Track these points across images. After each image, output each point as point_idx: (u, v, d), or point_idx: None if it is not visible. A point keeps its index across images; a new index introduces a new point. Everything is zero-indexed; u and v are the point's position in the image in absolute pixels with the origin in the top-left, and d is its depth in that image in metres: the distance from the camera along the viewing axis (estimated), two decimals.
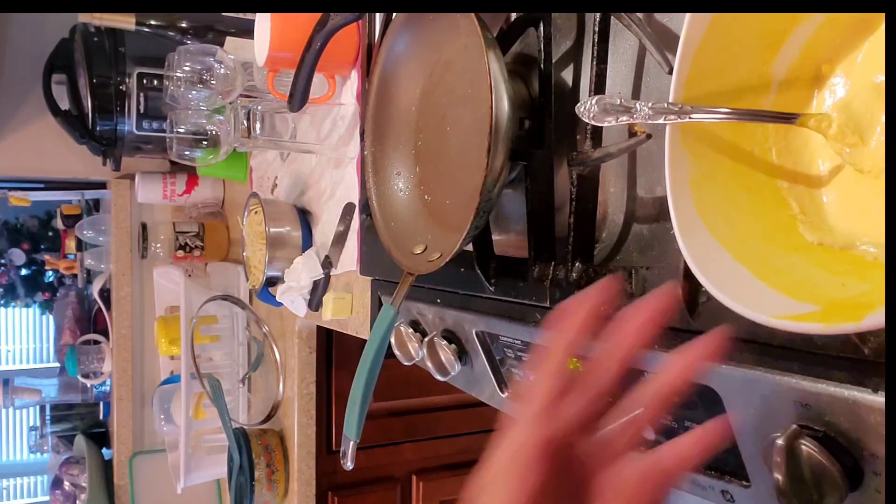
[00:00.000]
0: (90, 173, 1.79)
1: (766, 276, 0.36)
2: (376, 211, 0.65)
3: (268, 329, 1.40)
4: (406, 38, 0.62)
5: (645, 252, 0.51)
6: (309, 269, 1.15)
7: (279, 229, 1.11)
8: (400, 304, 0.59)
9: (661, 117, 0.38)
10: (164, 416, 1.66)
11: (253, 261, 1.18)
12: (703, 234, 0.38)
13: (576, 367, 0.35)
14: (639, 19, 0.48)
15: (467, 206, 0.52)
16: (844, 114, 0.38)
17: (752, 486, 0.44)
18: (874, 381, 0.35)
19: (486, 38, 0.51)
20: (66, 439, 2.16)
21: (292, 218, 1.13)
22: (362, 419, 0.60)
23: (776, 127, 0.41)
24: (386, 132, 0.66)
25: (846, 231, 0.38)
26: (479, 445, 1.50)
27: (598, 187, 0.54)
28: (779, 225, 0.40)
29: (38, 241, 2.58)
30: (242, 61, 1.06)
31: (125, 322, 1.84)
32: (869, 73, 0.37)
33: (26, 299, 2.65)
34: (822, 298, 0.34)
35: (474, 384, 0.72)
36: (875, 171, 0.37)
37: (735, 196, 0.40)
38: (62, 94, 1.50)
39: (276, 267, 1.11)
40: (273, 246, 1.10)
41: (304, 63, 0.87)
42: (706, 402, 0.44)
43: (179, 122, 1.04)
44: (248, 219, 1.18)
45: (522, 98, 0.60)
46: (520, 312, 0.59)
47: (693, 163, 0.39)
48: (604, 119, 0.42)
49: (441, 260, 0.55)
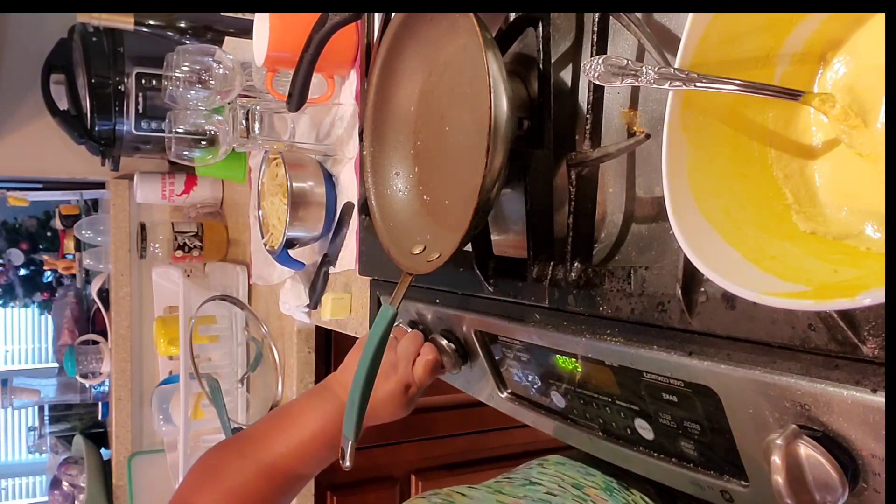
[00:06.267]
0: (89, 173, 1.79)
1: (757, 261, 0.36)
2: (375, 211, 0.65)
3: (267, 329, 1.40)
4: (405, 38, 0.62)
5: (644, 252, 0.51)
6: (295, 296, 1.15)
7: (302, 184, 1.02)
8: (399, 303, 0.59)
9: (666, 83, 0.38)
10: (162, 417, 1.65)
11: (271, 217, 1.09)
12: (696, 217, 0.38)
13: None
14: (637, 19, 0.48)
15: (466, 206, 0.52)
16: (849, 95, 0.38)
17: (751, 485, 0.44)
18: (873, 381, 0.35)
19: (484, 38, 0.51)
20: (65, 439, 2.16)
21: (316, 172, 1.04)
22: (361, 419, 0.60)
23: (777, 116, 0.41)
24: (385, 132, 0.66)
25: (840, 220, 0.38)
26: (479, 445, 1.50)
27: (596, 187, 0.54)
28: (773, 213, 0.40)
29: (36, 241, 2.58)
30: (241, 61, 1.06)
31: (124, 322, 1.84)
32: (874, 55, 0.37)
33: (25, 299, 2.65)
34: (814, 282, 0.34)
35: (473, 384, 0.72)
36: (874, 156, 0.37)
37: (731, 183, 0.40)
38: (61, 94, 1.50)
39: (298, 227, 1.02)
40: (296, 202, 1.00)
41: (302, 63, 0.86)
42: (705, 401, 0.44)
43: (178, 122, 1.04)
44: (267, 170, 1.09)
45: (521, 98, 0.60)
46: (519, 312, 0.59)
47: (691, 148, 0.39)
48: (608, 80, 0.41)
49: (440, 260, 0.55)
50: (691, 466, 0.48)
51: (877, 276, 0.30)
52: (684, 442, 0.48)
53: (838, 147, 0.39)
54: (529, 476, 0.67)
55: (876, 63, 0.37)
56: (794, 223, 0.40)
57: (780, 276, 0.35)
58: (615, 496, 0.63)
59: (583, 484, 0.64)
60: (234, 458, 0.70)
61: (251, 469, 0.68)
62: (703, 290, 0.43)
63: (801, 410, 0.38)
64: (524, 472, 0.69)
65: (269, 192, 1.09)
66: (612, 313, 0.49)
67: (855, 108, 0.37)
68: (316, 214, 1.03)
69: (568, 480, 0.65)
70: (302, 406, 0.73)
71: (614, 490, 0.64)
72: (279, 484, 0.69)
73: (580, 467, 0.68)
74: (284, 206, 1.02)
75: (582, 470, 0.67)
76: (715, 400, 0.43)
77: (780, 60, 0.40)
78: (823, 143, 0.40)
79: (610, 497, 0.63)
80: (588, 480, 0.65)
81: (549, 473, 0.67)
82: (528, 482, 0.65)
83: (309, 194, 1.03)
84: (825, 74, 0.39)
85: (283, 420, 0.72)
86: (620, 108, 0.53)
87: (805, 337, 0.37)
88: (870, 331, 0.35)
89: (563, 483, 0.64)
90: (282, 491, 0.70)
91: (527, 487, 0.64)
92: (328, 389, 0.73)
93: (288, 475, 0.70)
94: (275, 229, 1.08)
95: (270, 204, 1.09)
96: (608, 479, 0.65)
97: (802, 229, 0.39)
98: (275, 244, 1.07)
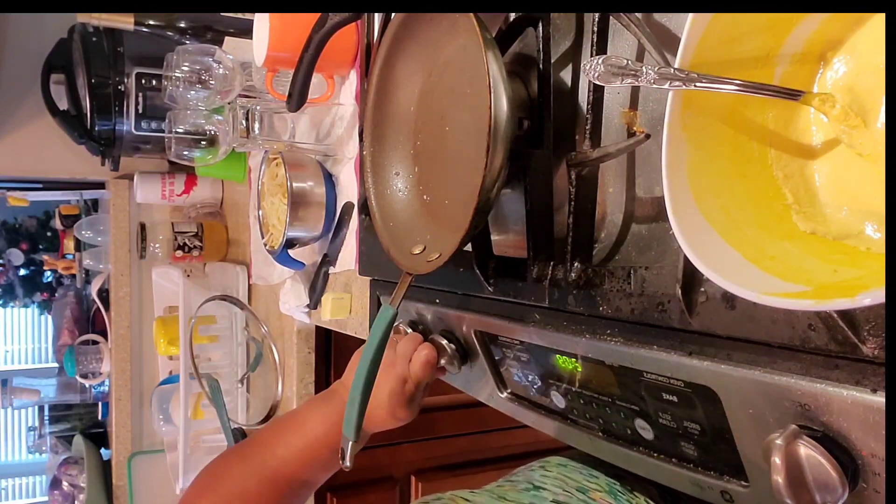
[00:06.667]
0: (89, 173, 1.79)
1: (757, 261, 0.36)
2: (375, 211, 0.65)
3: (266, 329, 1.40)
4: (405, 38, 0.62)
5: (644, 252, 0.51)
6: (295, 296, 1.14)
7: (302, 184, 1.02)
8: (399, 303, 0.59)
9: (666, 83, 0.38)
10: (162, 417, 1.65)
11: (271, 217, 1.10)
12: (696, 217, 0.38)
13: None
14: (637, 19, 0.48)
15: (466, 206, 0.52)
16: (849, 95, 0.38)
17: (751, 485, 0.44)
18: (873, 381, 0.35)
19: (484, 38, 0.51)
20: (65, 439, 2.16)
21: (315, 172, 1.04)
22: (361, 419, 0.60)
23: (777, 116, 0.41)
24: (385, 132, 0.66)
25: (840, 220, 0.38)
26: (479, 446, 1.50)
27: (596, 187, 0.54)
28: (773, 213, 0.40)
29: (36, 241, 2.58)
30: (241, 61, 1.06)
31: (124, 322, 1.84)
32: (874, 55, 0.37)
33: (25, 299, 2.65)
34: (814, 282, 0.34)
35: (473, 384, 0.72)
36: (874, 156, 0.37)
37: (731, 183, 0.40)
38: (61, 94, 1.50)
39: (298, 227, 1.02)
40: (296, 202, 1.01)
41: (302, 63, 0.86)
42: (705, 401, 0.44)
43: (178, 122, 1.04)
44: (267, 170, 1.10)
45: (521, 98, 0.60)
46: (519, 312, 0.59)
47: (691, 148, 0.39)
48: (608, 80, 0.41)
49: (440, 260, 0.55)
50: (691, 467, 0.48)
51: (877, 276, 0.30)
52: (684, 442, 0.48)
53: (838, 147, 0.39)
54: (532, 479, 0.66)
55: (876, 63, 0.37)
56: (794, 223, 0.40)
57: (780, 276, 0.35)
58: (619, 499, 0.63)
59: (587, 487, 0.64)
60: (237, 464, 0.69)
61: (255, 474, 0.68)
62: (703, 290, 0.43)
63: (801, 410, 0.38)
64: (526, 474, 0.69)
65: (269, 192, 1.09)
66: (612, 313, 0.49)
67: (855, 108, 0.37)
68: (316, 214, 1.03)
69: (572, 484, 0.64)
70: (307, 411, 0.72)
71: (618, 493, 0.64)
72: (283, 490, 0.69)
73: (582, 469, 0.67)
74: (284, 206, 1.02)
75: (585, 472, 0.67)
76: (715, 400, 0.43)
77: (780, 60, 0.40)
78: (823, 143, 0.40)
79: (615, 500, 0.63)
80: (592, 483, 0.65)
81: (551, 476, 0.66)
82: (532, 486, 0.65)
83: (309, 194, 1.03)
84: (825, 74, 0.39)
85: (289, 425, 0.72)
86: (620, 108, 0.53)
87: (805, 337, 0.37)
88: (870, 331, 0.35)
89: (567, 487, 0.64)
90: (286, 497, 0.69)
91: (531, 493, 0.63)
92: (334, 394, 0.73)
93: (292, 481, 0.69)
94: (275, 229, 1.08)
95: (270, 204, 1.09)
96: (611, 482, 0.65)
97: (802, 229, 0.39)
98: (275, 244, 1.07)
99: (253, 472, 0.68)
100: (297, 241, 1.06)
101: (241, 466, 0.69)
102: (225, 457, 0.72)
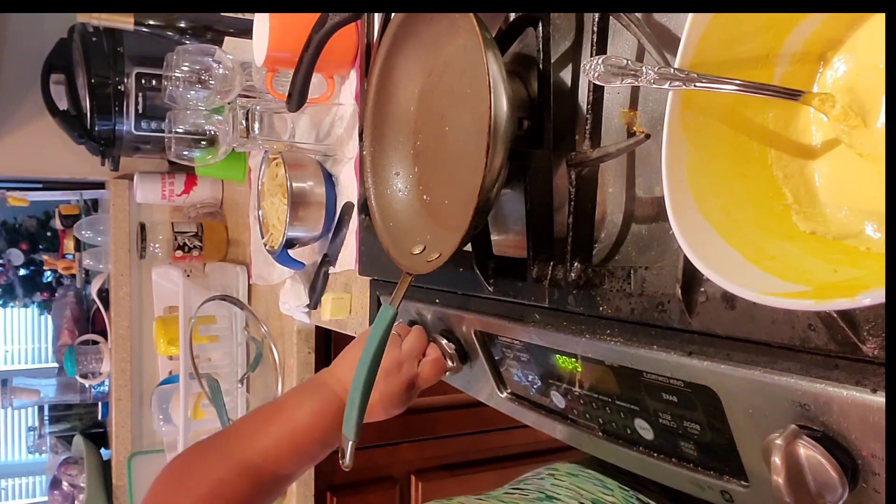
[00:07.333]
0: (88, 173, 1.79)
1: (757, 261, 0.36)
2: (375, 211, 0.65)
3: (266, 329, 1.40)
4: (405, 38, 0.62)
5: (644, 252, 0.51)
6: (295, 296, 1.15)
7: (302, 184, 1.02)
8: (399, 303, 0.59)
9: (666, 83, 0.38)
10: (162, 417, 1.65)
11: (271, 217, 1.09)
12: (696, 217, 0.38)
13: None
14: (637, 19, 0.48)
15: (466, 206, 0.52)
16: (849, 95, 0.38)
17: (750, 485, 0.44)
18: (873, 381, 0.35)
19: (484, 38, 0.51)
20: (65, 439, 2.16)
21: (315, 172, 1.04)
22: (361, 419, 0.59)
23: (777, 116, 0.41)
24: (385, 132, 0.66)
25: (840, 220, 0.38)
26: (479, 446, 1.50)
27: (596, 187, 0.54)
28: (773, 213, 0.40)
29: (36, 241, 2.58)
30: (241, 61, 1.06)
31: (124, 322, 1.84)
32: (874, 55, 0.37)
33: (25, 299, 2.65)
34: (814, 282, 0.34)
35: (473, 384, 0.72)
36: (874, 156, 0.37)
37: (731, 183, 0.40)
38: (61, 94, 1.50)
39: (298, 227, 1.02)
40: (295, 202, 1.01)
41: (302, 63, 0.86)
42: (705, 401, 0.44)
43: (178, 122, 1.04)
44: (267, 170, 1.10)
45: (521, 98, 0.60)
46: (519, 312, 0.59)
47: (691, 148, 0.39)
48: (608, 80, 0.41)
49: (440, 260, 0.55)
50: (691, 466, 0.48)
51: (877, 276, 0.30)
52: (684, 442, 0.48)
53: (838, 147, 0.39)
54: (543, 488, 0.65)
55: (876, 63, 0.37)
56: (793, 223, 0.40)
57: (780, 276, 0.35)
58: None
59: (602, 500, 0.63)
60: (212, 457, 0.63)
61: (232, 468, 0.62)
62: (702, 290, 0.43)
63: (801, 410, 0.38)
64: (536, 483, 0.67)
65: (269, 192, 1.09)
66: (611, 313, 0.49)
67: (855, 107, 0.37)
68: (316, 214, 1.03)
69: (587, 496, 0.63)
70: (292, 401, 0.68)
71: None
72: (265, 484, 0.64)
73: (595, 480, 0.66)
74: (284, 206, 1.02)
75: (598, 483, 0.65)
76: (715, 400, 0.43)
77: (780, 60, 0.40)
78: (823, 142, 0.40)
79: None
80: (607, 497, 0.63)
81: (563, 486, 0.65)
82: (544, 496, 0.64)
83: (309, 194, 1.03)
84: (825, 74, 0.39)
85: (272, 415, 0.67)
86: (620, 108, 0.53)
87: (805, 337, 0.37)
88: (870, 331, 0.35)
89: (581, 499, 0.63)
90: (264, 491, 0.64)
91: (543, 503, 0.63)
92: (322, 384, 0.69)
93: (276, 475, 0.65)
94: (275, 229, 1.08)
95: (270, 204, 1.09)
96: (626, 495, 0.64)
97: (802, 229, 0.39)
98: (275, 244, 1.07)
99: (231, 465, 0.62)
100: (297, 241, 1.06)
101: (216, 460, 0.63)
102: (196, 450, 0.65)
